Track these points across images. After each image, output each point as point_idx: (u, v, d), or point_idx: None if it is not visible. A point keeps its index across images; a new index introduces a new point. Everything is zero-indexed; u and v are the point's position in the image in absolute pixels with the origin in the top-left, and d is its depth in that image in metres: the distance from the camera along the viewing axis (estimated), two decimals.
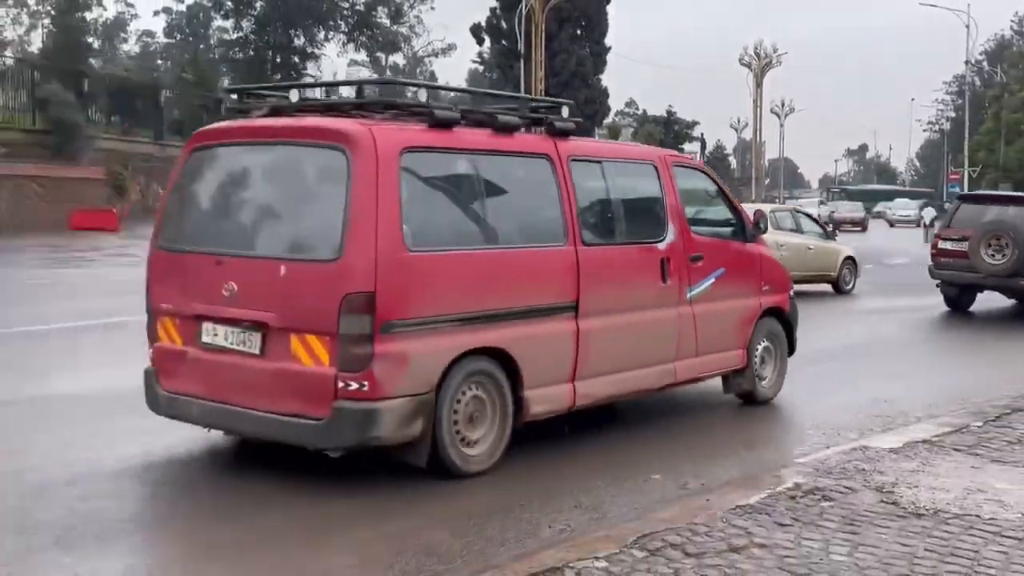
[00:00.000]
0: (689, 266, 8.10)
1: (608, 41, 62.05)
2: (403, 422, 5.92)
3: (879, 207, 67.60)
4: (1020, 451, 7.15)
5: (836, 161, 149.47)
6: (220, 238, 6.67)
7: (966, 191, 55.94)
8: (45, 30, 71.55)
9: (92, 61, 67.49)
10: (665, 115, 66.09)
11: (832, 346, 13.01)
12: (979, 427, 7.89)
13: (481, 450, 6.48)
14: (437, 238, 6.40)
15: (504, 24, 56.04)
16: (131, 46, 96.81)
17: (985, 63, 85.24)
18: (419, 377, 6.00)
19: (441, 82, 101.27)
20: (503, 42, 57.15)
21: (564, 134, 7.44)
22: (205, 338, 6.46)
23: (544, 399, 6.90)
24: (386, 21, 71.33)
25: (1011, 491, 6.09)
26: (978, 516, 5.58)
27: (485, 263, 6.63)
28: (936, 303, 17.79)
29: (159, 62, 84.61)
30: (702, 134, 69.49)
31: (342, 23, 68.01)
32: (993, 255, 16.15)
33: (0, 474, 6.44)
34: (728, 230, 8.95)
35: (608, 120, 68.29)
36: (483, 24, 60.42)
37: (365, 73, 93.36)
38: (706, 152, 75.17)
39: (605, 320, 7.30)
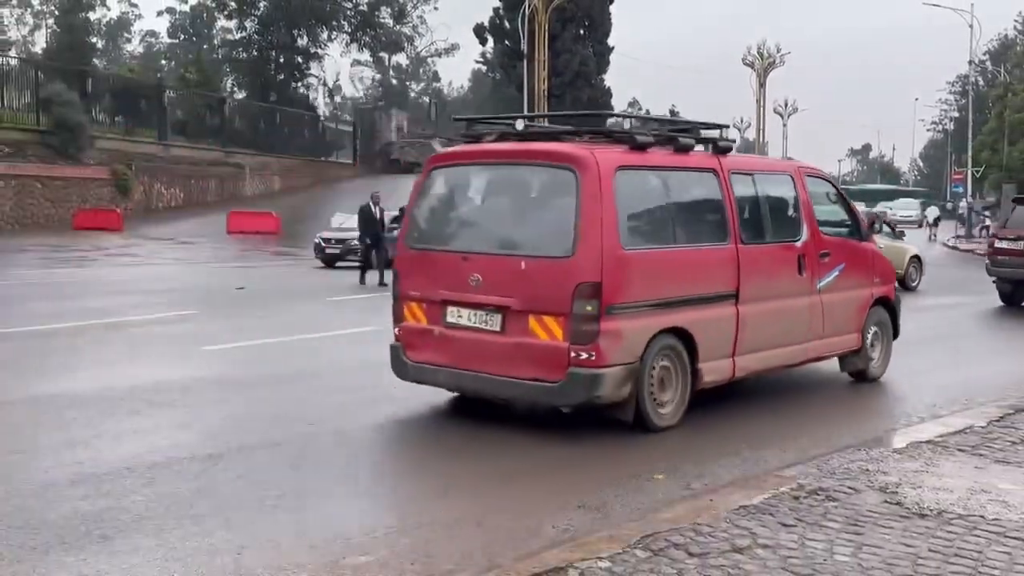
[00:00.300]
0: (819, 261, 9.57)
1: (611, 41, 62.17)
2: (618, 385, 7.47)
3: (879, 207, 67.47)
4: None
5: (839, 161, 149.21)
6: (465, 239, 8.36)
7: (970, 191, 56.08)
8: (49, 30, 71.66)
9: (96, 61, 67.75)
10: (668, 115, 65.87)
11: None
12: (983, 427, 7.89)
13: (668, 410, 7.97)
14: (641, 239, 8.01)
15: (507, 24, 56.09)
16: (135, 46, 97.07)
17: (988, 63, 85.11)
18: (630, 349, 7.51)
19: (446, 81, 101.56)
20: (506, 42, 57.18)
21: (725, 151, 9.00)
22: (450, 319, 8.08)
23: (713, 370, 8.38)
24: (389, 21, 71.23)
25: (1015, 491, 6.09)
26: (982, 517, 5.58)
27: (674, 259, 8.20)
28: (984, 300, 19.42)
29: (163, 62, 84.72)
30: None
31: (345, 23, 67.90)
32: None
33: (3, 475, 6.46)
34: (847, 230, 10.40)
35: (611, 120, 68.25)
36: (486, 24, 60.51)
37: (368, 73, 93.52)
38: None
39: (757, 306, 8.74)
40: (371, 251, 22.24)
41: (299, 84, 66.88)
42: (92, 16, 74.82)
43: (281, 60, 64.99)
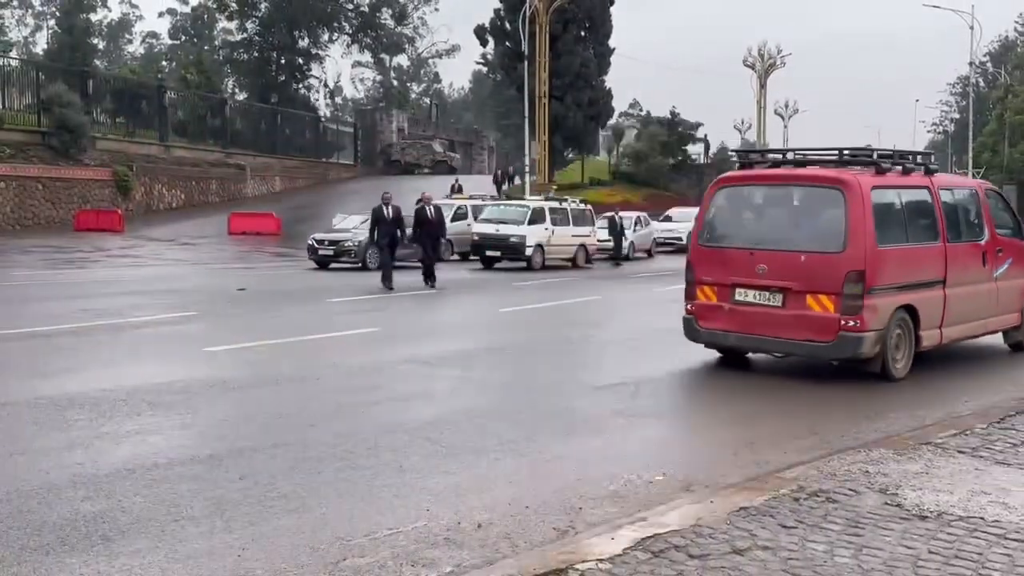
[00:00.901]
0: (996, 256, 12.25)
1: (612, 42, 62.14)
2: (873, 345, 10.15)
3: None
4: None
5: None
6: (752, 239, 11.11)
7: None
8: (50, 31, 71.74)
9: (97, 62, 67.86)
10: (669, 116, 65.87)
11: None
12: (983, 429, 7.90)
13: (900, 365, 10.62)
14: (887, 239, 10.48)
15: (508, 26, 56.05)
16: (136, 47, 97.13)
17: (989, 64, 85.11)
18: (881, 320, 10.16)
19: (447, 82, 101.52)
20: (507, 44, 57.10)
21: (933, 172, 11.94)
22: (738, 297, 10.86)
23: (928, 338, 11.01)
24: (390, 22, 71.33)
25: (1015, 493, 6.10)
26: (982, 519, 5.59)
27: (907, 254, 10.88)
28: None
29: (164, 63, 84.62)
30: (705, 135, 69.50)
31: (346, 24, 68.07)
32: None
33: (4, 476, 6.45)
34: (1010, 231, 12.96)
35: (612, 121, 68.19)
36: (487, 26, 60.46)
37: (369, 76, 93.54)
38: (710, 154, 75.00)
39: (957, 290, 11.36)
40: (389, 252, 21.43)
41: (300, 85, 67.05)
42: (93, 17, 74.88)
43: (282, 61, 65.13)
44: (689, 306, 11.37)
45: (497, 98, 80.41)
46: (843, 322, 10.07)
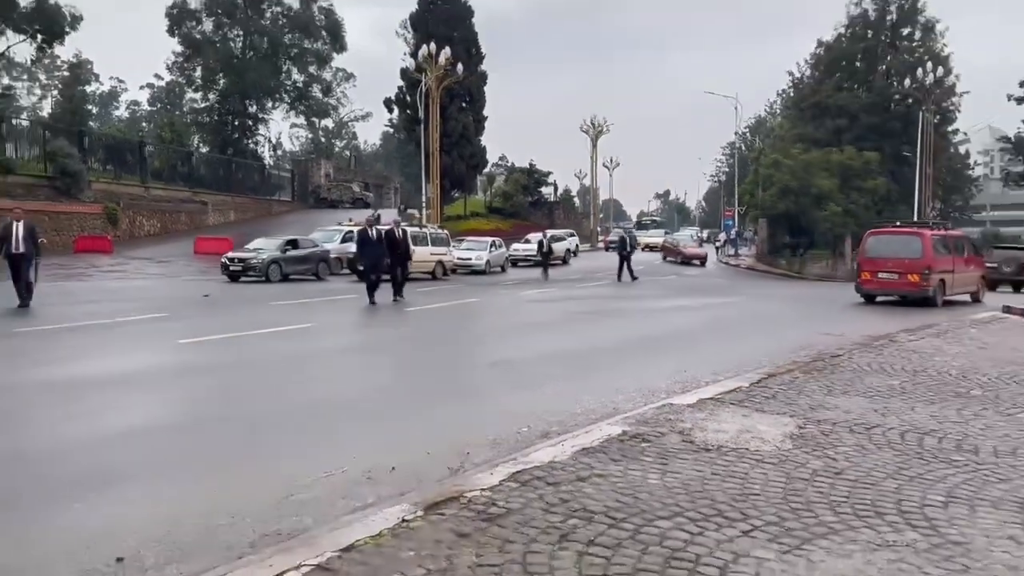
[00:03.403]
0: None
1: (486, 111, 62.11)
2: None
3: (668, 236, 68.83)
4: (774, 404, 7.38)
5: (649, 201, 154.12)
6: (886, 255, 19.68)
7: (736, 225, 58.28)
8: (53, 99, 68.43)
9: (91, 123, 64.60)
10: (528, 166, 66.32)
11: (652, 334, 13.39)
12: (747, 388, 8.11)
13: None
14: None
15: (408, 98, 55.28)
16: (122, 112, 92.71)
17: (748, 134, 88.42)
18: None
19: (363, 139, 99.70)
20: (408, 111, 56.28)
21: (944, 228, 20.75)
22: (881, 276, 19.73)
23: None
24: (319, 95, 69.65)
25: (769, 431, 6.31)
26: (747, 449, 5.78)
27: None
28: (744, 299, 20.56)
29: (144, 124, 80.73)
30: (554, 180, 69.88)
31: (286, 96, 66.26)
32: None
33: (15, 442, 6.16)
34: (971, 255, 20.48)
35: (487, 169, 68.31)
36: (392, 98, 59.71)
37: (303, 134, 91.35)
38: (558, 194, 75.67)
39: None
40: (374, 272, 18.18)
41: (250, 141, 64.89)
42: (88, 88, 72.01)
43: (236, 123, 62.96)
44: (860, 279, 20.39)
45: (401, 152, 79.53)
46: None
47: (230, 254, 25.94)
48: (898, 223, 22.05)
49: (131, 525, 4.50)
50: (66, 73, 66.98)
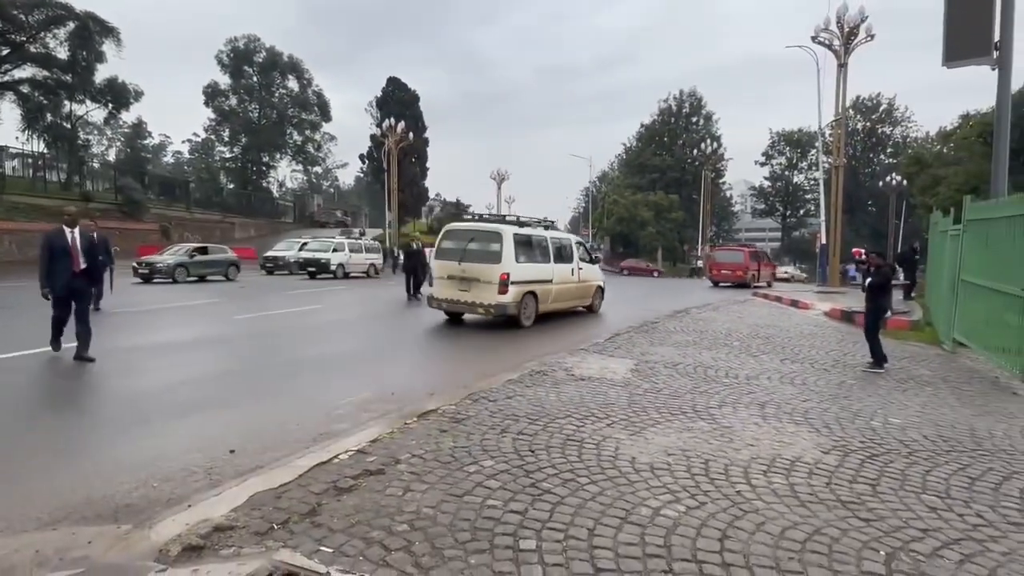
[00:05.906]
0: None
1: (428, 164, 61.16)
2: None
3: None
4: (620, 351, 7.52)
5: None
6: (724, 260, 19.09)
7: (590, 241, 59.30)
8: (117, 149, 63.67)
9: (148, 166, 60.26)
10: (456, 200, 65.94)
11: None
12: (600, 343, 8.23)
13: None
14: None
15: (375, 154, 53.75)
16: (169, 159, 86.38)
17: (597, 181, 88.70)
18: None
19: (343, 181, 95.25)
20: (374, 163, 54.82)
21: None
22: (724, 272, 18.43)
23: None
24: (312, 150, 66.88)
25: (617, 368, 6.58)
26: (605, 379, 6.04)
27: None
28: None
29: (186, 168, 75.41)
30: (473, 211, 69.04)
31: (288, 150, 63.38)
32: None
33: (96, 392, 5.70)
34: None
35: (428, 202, 67.23)
36: (364, 154, 58.20)
37: (301, 176, 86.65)
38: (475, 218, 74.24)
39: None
40: (411, 275, 15.85)
41: (264, 180, 61.83)
42: (144, 142, 67.14)
43: (254, 168, 59.65)
44: (710, 274, 17.23)
45: (370, 190, 77.16)
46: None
47: (137, 259, 20.51)
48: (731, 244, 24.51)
49: (233, 431, 4.50)
50: (128, 130, 61.85)
